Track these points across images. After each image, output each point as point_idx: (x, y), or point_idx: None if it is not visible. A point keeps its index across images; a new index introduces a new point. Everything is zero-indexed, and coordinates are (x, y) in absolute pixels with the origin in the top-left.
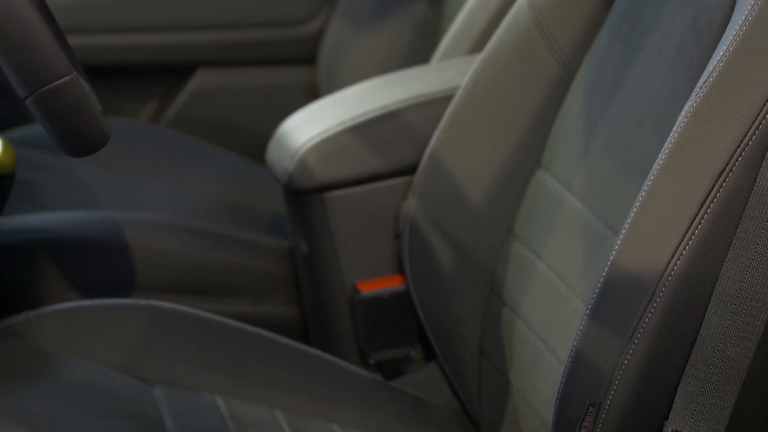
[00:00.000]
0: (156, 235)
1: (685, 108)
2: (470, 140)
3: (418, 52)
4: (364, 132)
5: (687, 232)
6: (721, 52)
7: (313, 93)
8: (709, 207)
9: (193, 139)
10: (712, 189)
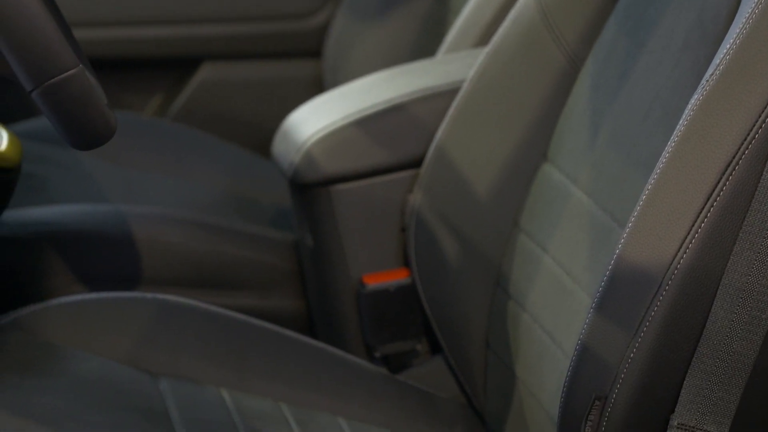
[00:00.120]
0: (161, 229)
1: (692, 101)
2: (476, 133)
3: (424, 46)
4: (370, 125)
5: (693, 225)
6: (728, 46)
7: (318, 86)
8: (716, 200)
9: (199, 133)
10: (719, 182)
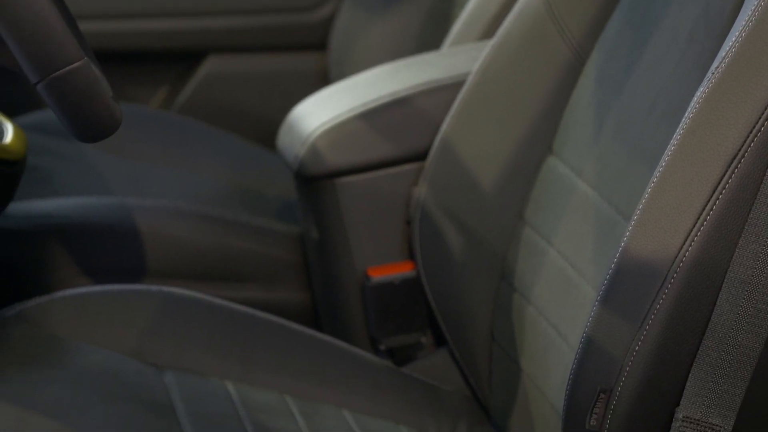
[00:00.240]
0: (167, 221)
1: (697, 94)
2: (481, 126)
3: (429, 38)
4: (375, 118)
5: (699, 218)
6: (733, 39)
7: (323, 79)
8: (721, 193)
9: (204, 125)
10: (724, 175)
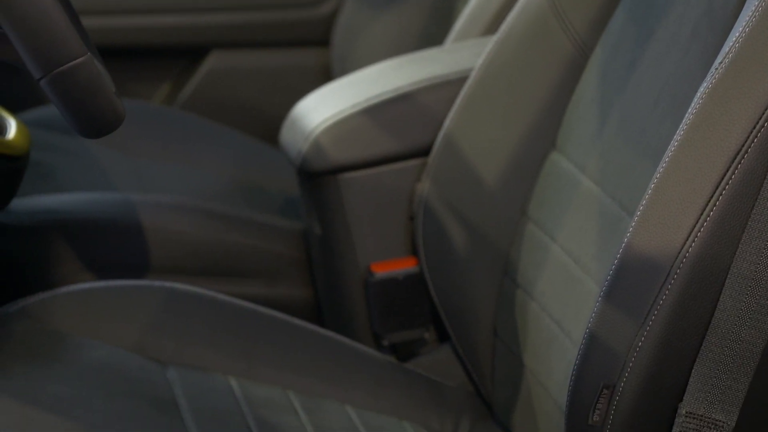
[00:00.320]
0: (170, 217)
1: (701, 89)
2: (484, 122)
3: (432, 34)
4: (378, 114)
5: (702, 213)
6: (737, 34)
7: (326, 75)
8: (725, 188)
9: (207, 121)
10: (728, 170)
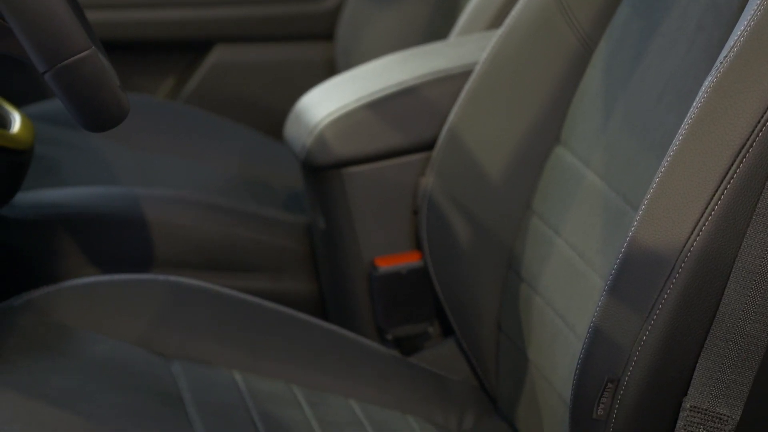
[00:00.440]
0: (174, 211)
1: (705, 83)
2: (488, 116)
3: (437, 28)
4: (383, 108)
5: (707, 207)
6: (742, 28)
7: (330, 69)
8: (729, 182)
9: (211, 115)
10: (732, 164)
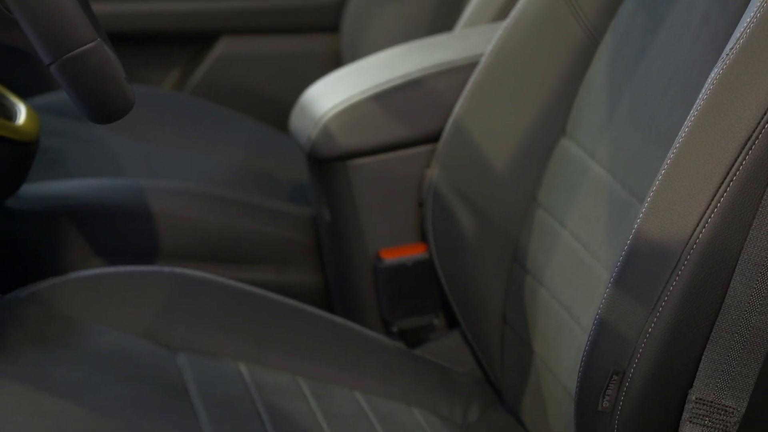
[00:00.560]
0: (179, 203)
1: (711, 76)
2: (494, 108)
3: (442, 20)
4: (388, 100)
5: (712, 199)
6: (748, 20)
7: (336, 61)
8: (735, 174)
9: (216, 107)
10: (738, 156)
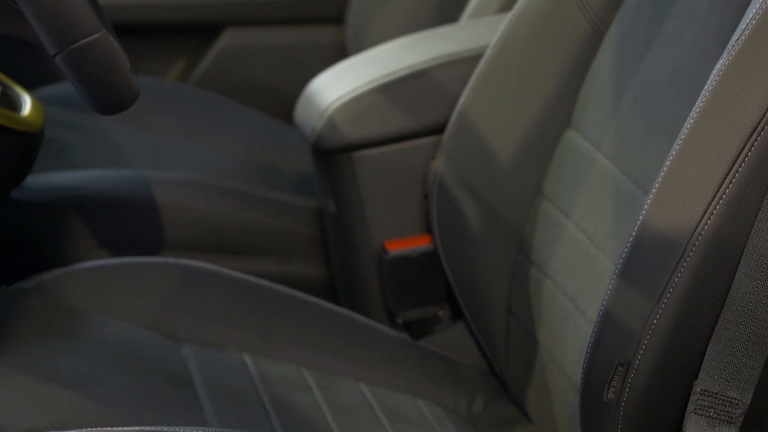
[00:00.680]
0: (184, 194)
1: (717, 67)
2: (499, 99)
3: (447, 11)
4: (393, 91)
5: (718, 191)
6: (753, 11)
7: (341, 52)
8: (741, 166)
9: (221, 98)
10: (744, 148)
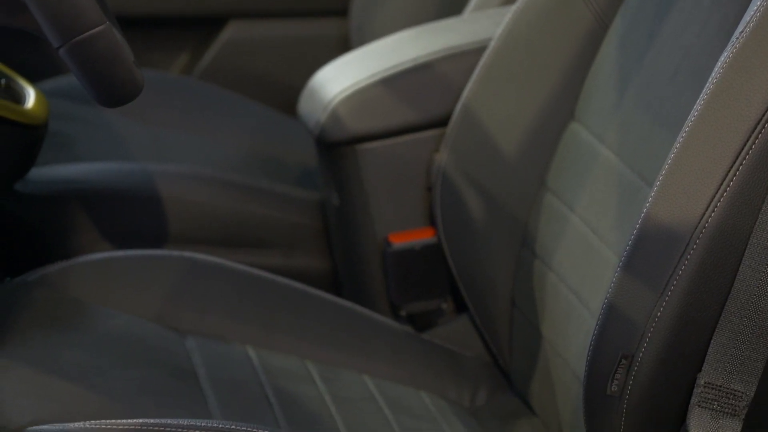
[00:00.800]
0: (188, 187)
1: (721, 59)
2: (503, 92)
3: (451, 4)
4: (396, 84)
5: (722, 183)
6: (758, 3)
7: (344, 45)
8: (745, 158)
9: (225, 91)
10: (748, 140)
